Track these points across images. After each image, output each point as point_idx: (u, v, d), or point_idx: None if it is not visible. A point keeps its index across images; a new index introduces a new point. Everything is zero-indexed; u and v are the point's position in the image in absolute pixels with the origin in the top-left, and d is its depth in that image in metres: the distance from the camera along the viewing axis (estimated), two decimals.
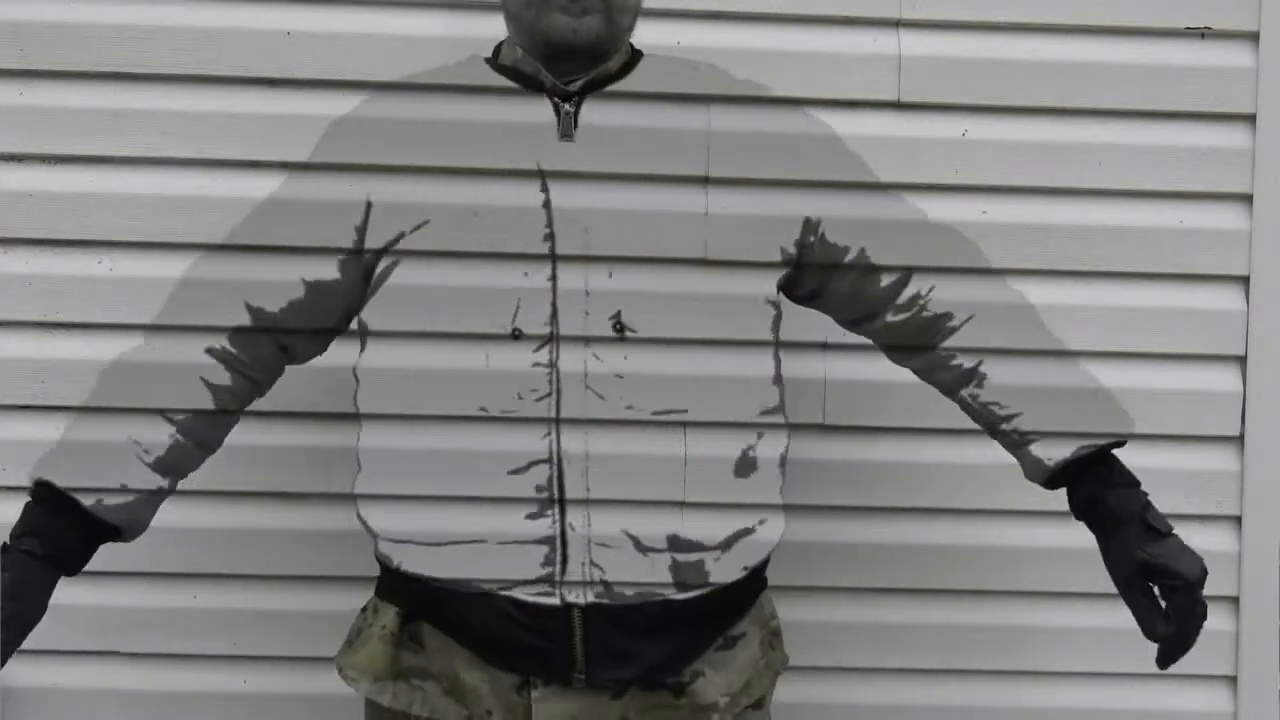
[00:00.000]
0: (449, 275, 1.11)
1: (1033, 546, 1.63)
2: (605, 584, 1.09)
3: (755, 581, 1.20)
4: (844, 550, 1.60)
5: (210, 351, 1.16)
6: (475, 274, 1.10)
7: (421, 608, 1.16)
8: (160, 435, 1.13)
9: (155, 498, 1.15)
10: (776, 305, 1.17)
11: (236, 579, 1.59)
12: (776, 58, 1.55)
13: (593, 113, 1.14)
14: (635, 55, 1.20)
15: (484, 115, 1.15)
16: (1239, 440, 1.62)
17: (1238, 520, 1.63)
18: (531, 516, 1.09)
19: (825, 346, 1.56)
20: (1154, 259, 1.60)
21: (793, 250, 1.17)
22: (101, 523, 1.11)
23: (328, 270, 1.15)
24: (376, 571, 1.67)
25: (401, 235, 1.12)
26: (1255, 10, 1.58)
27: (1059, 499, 1.20)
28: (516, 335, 1.09)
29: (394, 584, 1.17)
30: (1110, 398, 1.18)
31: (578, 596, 1.10)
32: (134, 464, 1.12)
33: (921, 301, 1.20)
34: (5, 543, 1.10)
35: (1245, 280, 1.61)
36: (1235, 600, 1.63)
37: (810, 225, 1.17)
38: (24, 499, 1.57)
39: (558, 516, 1.09)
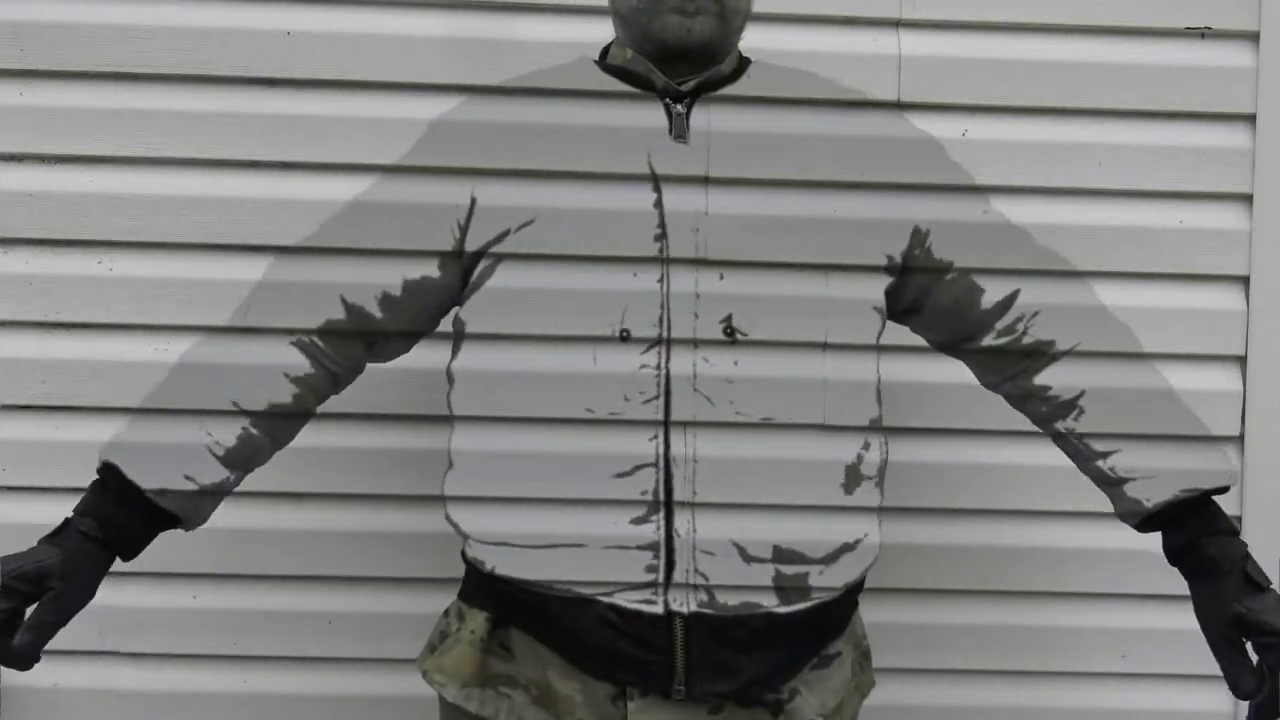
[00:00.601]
0: (555, 276, 1.10)
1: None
2: (709, 593, 1.07)
3: (852, 599, 1.19)
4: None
5: (298, 344, 1.14)
6: (583, 274, 1.10)
7: (512, 613, 1.15)
8: (233, 427, 1.11)
9: (220, 489, 1.13)
10: (882, 314, 1.16)
11: (237, 579, 1.59)
12: (776, 58, 1.54)
13: (704, 115, 1.13)
14: (744, 61, 1.20)
15: (595, 116, 1.14)
16: (1239, 440, 1.62)
17: (1238, 520, 1.63)
18: (636, 521, 1.07)
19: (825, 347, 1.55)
20: (1154, 259, 1.60)
21: (899, 259, 1.16)
22: (163, 512, 1.10)
23: (428, 269, 1.14)
24: (375, 573, 1.67)
25: (505, 234, 1.11)
26: (1255, 10, 1.58)
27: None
28: (625, 337, 1.08)
29: (483, 588, 1.15)
30: (1212, 441, 1.16)
31: (681, 605, 1.07)
32: (204, 456, 1.10)
33: (1023, 327, 1.17)
34: (67, 518, 1.08)
35: (1245, 280, 1.61)
36: None
37: (918, 236, 1.16)
38: (24, 499, 1.58)
39: (663, 522, 1.07)
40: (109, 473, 1.09)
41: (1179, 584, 1.14)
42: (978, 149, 1.58)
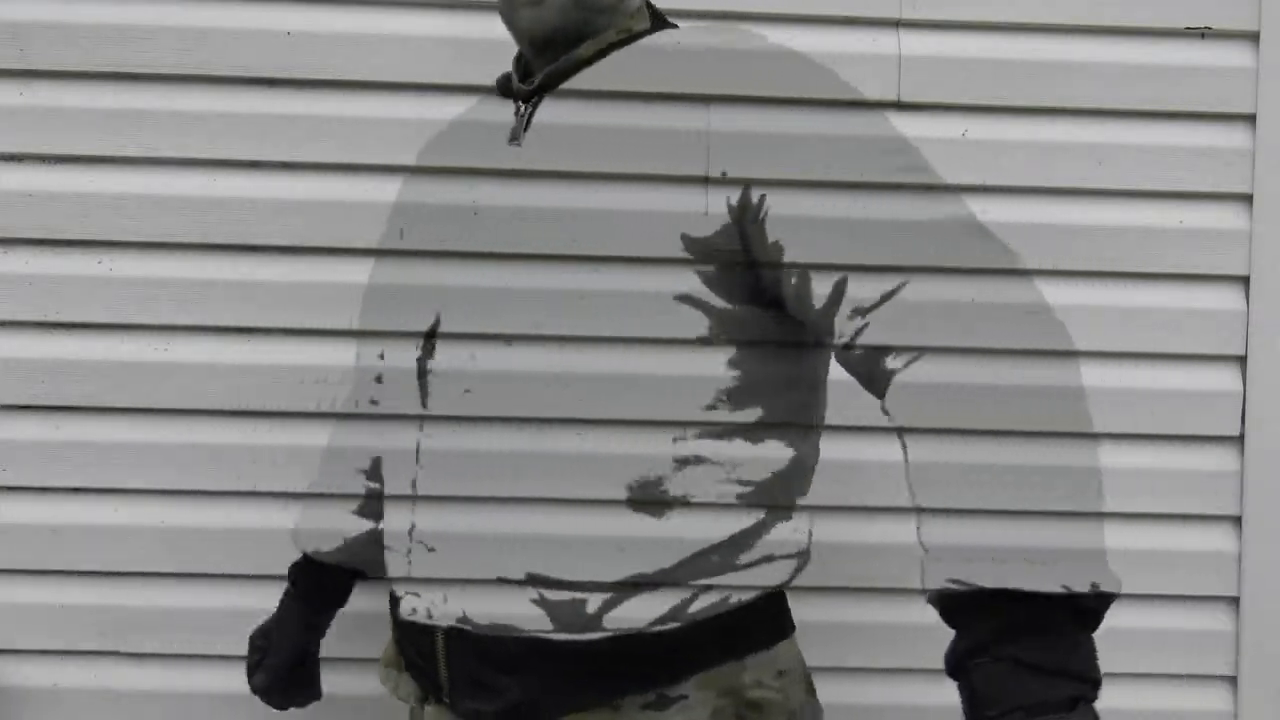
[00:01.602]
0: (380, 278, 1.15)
1: None
2: (463, 611, 1.01)
3: (713, 640, 1.00)
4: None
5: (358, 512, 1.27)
6: (404, 272, 1.10)
7: None
8: (360, 489, 1.26)
9: (373, 538, 1.23)
10: (708, 308, 0.96)
11: (237, 579, 1.59)
12: None
13: (546, 112, 1.03)
14: (631, 36, 1.05)
15: (471, 118, 1.14)
16: (1239, 440, 1.62)
17: (1237, 520, 1.63)
18: (411, 532, 1.04)
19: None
20: (1154, 259, 1.59)
21: (703, 236, 0.94)
22: (340, 568, 1.29)
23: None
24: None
25: (400, 237, 1.14)
26: (1255, 10, 1.57)
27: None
28: (430, 337, 1.03)
29: None
30: (1095, 529, 0.86)
31: (439, 619, 1.02)
32: (349, 518, 1.26)
33: (852, 329, 0.90)
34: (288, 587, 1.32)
35: (1245, 280, 1.60)
36: (1235, 600, 1.62)
37: (747, 206, 0.94)
38: (24, 499, 1.57)
39: (412, 534, 1.03)
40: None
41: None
42: (978, 149, 1.58)
